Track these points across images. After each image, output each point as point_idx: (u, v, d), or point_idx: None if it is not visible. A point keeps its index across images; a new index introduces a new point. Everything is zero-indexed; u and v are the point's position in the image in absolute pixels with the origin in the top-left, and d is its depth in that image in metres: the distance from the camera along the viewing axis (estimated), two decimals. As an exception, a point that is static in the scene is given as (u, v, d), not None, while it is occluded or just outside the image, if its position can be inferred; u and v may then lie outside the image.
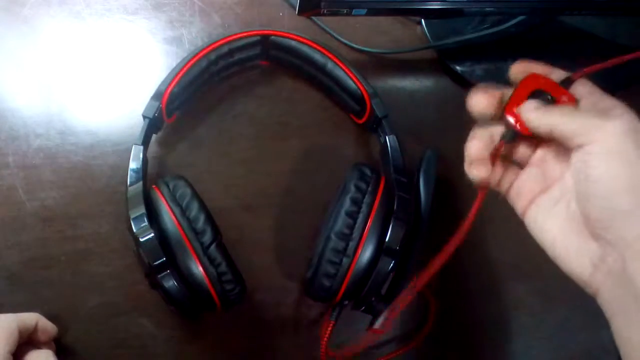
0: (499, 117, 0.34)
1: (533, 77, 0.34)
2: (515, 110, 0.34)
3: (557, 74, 0.35)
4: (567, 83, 0.34)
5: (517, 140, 0.34)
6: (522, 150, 0.35)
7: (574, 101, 0.33)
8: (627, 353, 0.28)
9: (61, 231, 0.44)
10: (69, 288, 0.43)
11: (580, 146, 0.29)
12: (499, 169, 0.36)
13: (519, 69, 0.36)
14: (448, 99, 0.51)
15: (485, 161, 0.34)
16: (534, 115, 0.32)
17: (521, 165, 0.35)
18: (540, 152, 0.35)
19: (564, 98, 0.33)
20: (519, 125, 0.33)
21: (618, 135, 0.28)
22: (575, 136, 0.29)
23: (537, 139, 0.34)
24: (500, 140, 0.34)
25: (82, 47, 0.49)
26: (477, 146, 0.34)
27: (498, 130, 0.34)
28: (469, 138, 0.35)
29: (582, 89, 0.34)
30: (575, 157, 0.30)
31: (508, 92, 0.35)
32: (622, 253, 0.28)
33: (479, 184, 0.35)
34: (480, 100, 0.34)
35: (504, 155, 0.35)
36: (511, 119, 0.34)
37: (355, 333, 0.44)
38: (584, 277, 0.30)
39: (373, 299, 0.40)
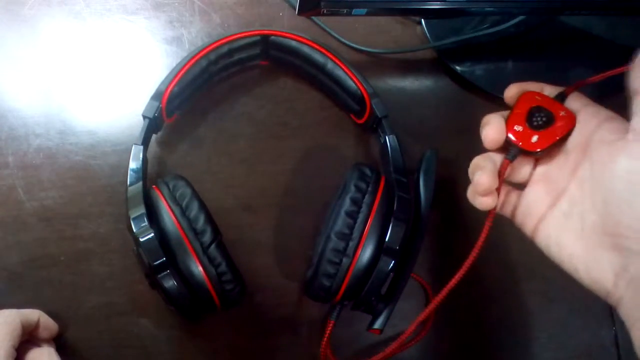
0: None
1: (530, 94, 0.35)
2: (515, 128, 0.34)
3: (550, 89, 0.36)
4: (561, 97, 0.35)
5: (519, 159, 0.35)
6: (522, 170, 0.35)
7: (573, 116, 0.34)
8: None
9: (61, 231, 0.44)
10: (69, 288, 0.43)
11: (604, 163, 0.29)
12: (501, 192, 0.36)
13: (513, 91, 0.36)
14: (448, 99, 0.51)
15: (493, 192, 0.34)
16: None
17: (522, 186, 0.35)
18: (541, 168, 0.34)
19: (562, 113, 0.34)
20: (522, 143, 0.33)
21: None
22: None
23: (539, 156, 0.34)
24: (505, 159, 0.34)
25: (82, 47, 0.49)
26: (486, 179, 0.33)
27: (499, 157, 0.35)
28: (475, 169, 0.34)
29: (576, 102, 0.34)
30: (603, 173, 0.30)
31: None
32: None
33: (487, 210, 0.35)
34: (493, 133, 0.34)
35: (505, 178, 0.35)
36: (514, 138, 0.34)
37: (355, 333, 0.44)
38: (606, 288, 0.30)
39: (373, 299, 0.40)
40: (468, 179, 0.36)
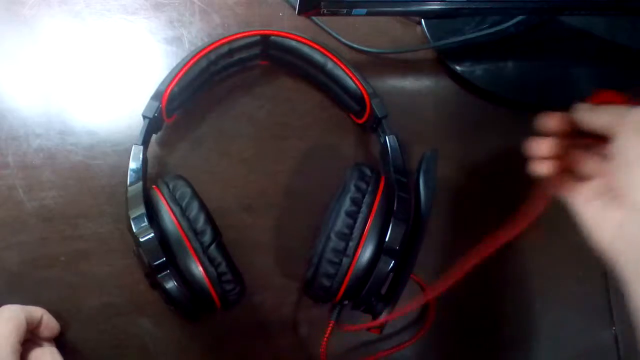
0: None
1: (609, 93, 0.36)
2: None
3: None
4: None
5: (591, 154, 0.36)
6: (591, 164, 0.37)
7: None
8: None
9: (61, 231, 0.44)
10: (69, 288, 0.43)
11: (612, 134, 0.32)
12: (571, 179, 0.37)
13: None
14: (448, 99, 0.51)
15: (549, 160, 0.37)
16: (581, 113, 0.35)
17: (589, 179, 0.37)
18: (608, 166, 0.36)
19: None
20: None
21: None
22: (608, 128, 0.33)
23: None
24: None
25: (82, 47, 0.49)
26: (543, 145, 0.36)
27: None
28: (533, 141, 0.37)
29: None
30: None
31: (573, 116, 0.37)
32: None
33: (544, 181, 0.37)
34: (552, 121, 0.37)
35: (575, 169, 0.37)
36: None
37: (355, 333, 0.44)
38: (603, 246, 0.33)
39: (373, 299, 0.40)
40: (468, 179, 0.36)
